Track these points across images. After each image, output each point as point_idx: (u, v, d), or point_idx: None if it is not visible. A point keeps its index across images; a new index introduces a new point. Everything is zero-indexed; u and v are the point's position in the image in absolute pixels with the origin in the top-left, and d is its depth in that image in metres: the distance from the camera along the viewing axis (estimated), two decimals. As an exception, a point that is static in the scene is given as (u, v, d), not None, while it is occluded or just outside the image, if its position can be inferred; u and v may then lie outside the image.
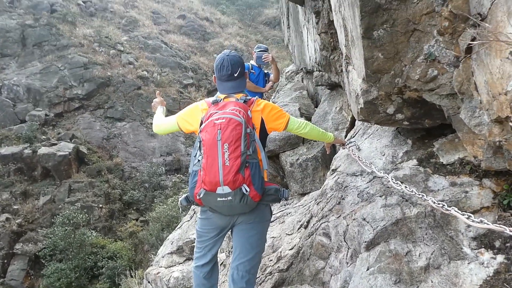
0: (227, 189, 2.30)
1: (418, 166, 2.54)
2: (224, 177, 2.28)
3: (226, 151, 2.30)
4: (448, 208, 2.01)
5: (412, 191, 2.11)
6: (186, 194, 2.63)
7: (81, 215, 17.88)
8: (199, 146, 2.44)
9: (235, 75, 2.64)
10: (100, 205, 20.93)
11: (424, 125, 2.60)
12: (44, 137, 23.02)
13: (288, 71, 7.42)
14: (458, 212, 1.91)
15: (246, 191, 2.32)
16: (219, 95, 2.68)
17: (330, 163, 3.92)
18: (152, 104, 3.23)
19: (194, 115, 2.68)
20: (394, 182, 2.30)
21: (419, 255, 2.19)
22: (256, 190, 2.36)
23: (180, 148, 25.18)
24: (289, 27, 7.01)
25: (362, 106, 2.62)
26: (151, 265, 5.53)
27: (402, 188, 2.21)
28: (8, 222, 18.65)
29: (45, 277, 16.09)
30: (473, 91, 1.97)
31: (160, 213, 16.57)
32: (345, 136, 4.02)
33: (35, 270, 17.59)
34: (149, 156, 24.29)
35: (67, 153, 21.80)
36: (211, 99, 2.67)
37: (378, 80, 2.36)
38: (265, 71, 5.71)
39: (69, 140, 23.39)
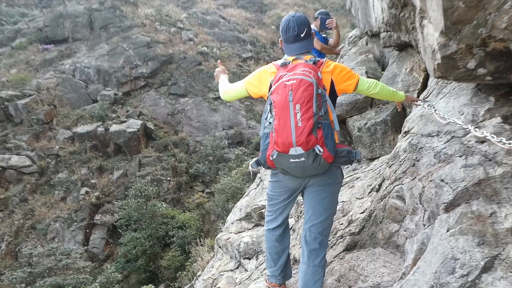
0: (300, 150, 2.30)
1: (503, 124, 2.36)
2: (297, 138, 2.28)
3: (298, 112, 2.29)
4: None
5: (499, 139, 1.95)
6: (256, 158, 2.66)
7: (151, 188, 18.87)
8: (270, 109, 2.44)
9: (302, 35, 2.60)
10: (168, 178, 21.95)
11: (510, 79, 2.40)
12: (114, 115, 24.35)
13: (351, 36, 7.16)
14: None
15: (320, 151, 2.31)
16: (287, 58, 2.65)
17: (400, 127, 3.77)
18: (215, 73, 3.25)
19: (262, 79, 2.67)
20: (477, 131, 2.16)
21: (505, 217, 2.06)
22: (329, 151, 2.35)
23: (242, 122, 25.51)
24: (351, -10, 6.71)
25: (440, 61, 2.46)
26: (221, 231, 5.74)
27: (487, 136, 2.06)
28: (88, 195, 20.19)
29: (123, 245, 17.33)
30: None
31: (225, 185, 17.02)
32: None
33: (113, 238, 18.99)
34: (212, 130, 24.90)
35: (136, 129, 22.94)
36: (279, 61, 2.64)
37: (459, 31, 2.20)
38: (323, 35, 5.54)
39: (137, 117, 24.57)
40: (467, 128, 2.30)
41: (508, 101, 2.51)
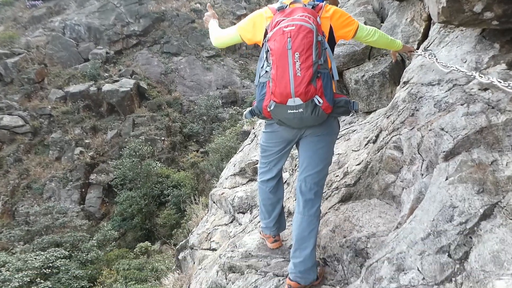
0: (298, 101, 2.21)
1: (508, 70, 2.27)
2: (296, 88, 2.19)
3: (297, 61, 2.18)
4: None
5: (506, 83, 1.87)
6: (250, 108, 2.57)
7: (146, 147, 18.89)
8: (266, 57, 2.32)
9: None
10: (162, 138, 21.92)
11: (518, 23, 2.28)
12: (106, 74, 23.96)
13: (350, -11, 6.88)
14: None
15: (319, 102, 2.23)
16: (283, 1, 2.49)
17: (399, 79, 3.66)
18: (204, 18, 3.05)
19: (257, 24, 2.53)
20: (482, 77, 2.06)
21: (506, 164, 2.01)
22: (328, 101, 2.27)
23: (236, 81, 25.22)
24: None
25: (445, 4, 2.32)
26: (215, 187, 5.74)
27: (493, 81, 1.97)
28: (82, 155, 20.17)
29: (118, 204, 17.57)
30: None
31: (219, 144, 17.06)
32: (417, 49, 3.69)
33: (109, 197, 19.21)
34: (206, 90, 24.64)
35: (129, 88, 22.65)
36: (275, 5, 2.48)
37: (467, -31, 2.06)
38: None
39: (129, 77, 24.20)
40: (471, 75, 2.20)
41: (514, 47, 2.40)
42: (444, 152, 2.23)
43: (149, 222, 17.43)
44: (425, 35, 3.70)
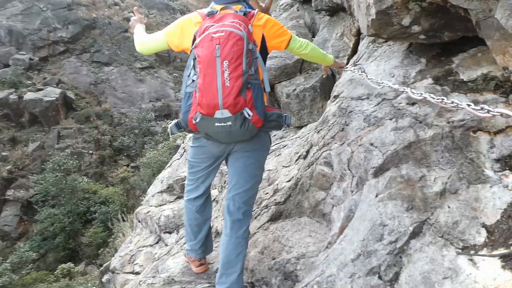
0: (226, 113, 2.03)
1: (435, 85, 2.26)
2: (224, 99, 2.01)
3: (226, 70, 2.01)
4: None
5: (439, 99, 1.82)
6: (176, 120, 2.34)
7: (72, 161, 17.78)
8: (194, 64, 2.13)
9: None
10: (90, 151, 20.77)
11: (443, 38, 2.29)
12: (29, 82, 22.35)
13: (282, 4, 6.93)
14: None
15: (249, 115, 2.06)
16: (214, 6, 2.33)
17: (329, 94, 3.64)
18: (130, 23, 2.78)
19: (185, 29, 2.33)
20: (413, 93, 2.02)
21: (434, 180, 1.97)
22: (259, 114, 2.10)
23: (170, 94, 24.64)
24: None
25: (374, 17, 2.29)
26: (141, 205, 5.37)
27: (426, 97, 1.92)
28: (-2, 168, 18.48)
29: (39, 222, 16.22)
30: (513, -15, 1.65)
31: (151, 159, 16.52)
32: (347, 64, 3.70)
33: (28, 215, 17.71)
34: (138, 102, 23.81)
35: (54, 98, 21.30)
36: (205, 10, 2.31)
37: (395, -19, 2.02)
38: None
39: (55, 85, 22.79)
40: (403, 90, 2.15)
41: (440, 62, 2.41)
42: (373, 168, 2.16)
43: (73, 241, 16.28)
44: (355, 50, 3.72)
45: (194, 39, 2.19)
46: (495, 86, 2.10)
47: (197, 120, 2.10)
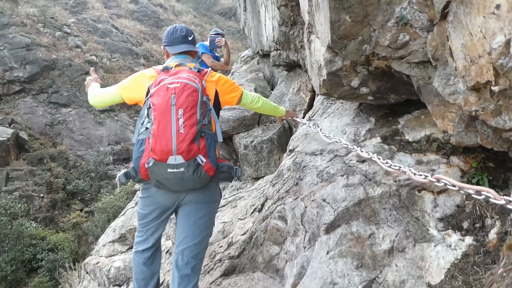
0: (180, 159, 2.06)
1: (383, 144, 2.37)
2: (178, 145, 2.05)
3: (180, 117, 2.07)
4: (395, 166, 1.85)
5: (386, 162, 1.90)
6: (125, 170, 2.33)
7: (20, 205, 16.76)
8: (148, 113, 2.16)
9: (189, 38, 2.50)
10: (41, 195, 19.73)
11: (390, 100, 2.43)
12: (-20, 121, 21.38)
13: (243, 56, 7.17)
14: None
15: (202, 161, 2.10)
16: (169, 63, 2.40)
17: (286, 146, 3.71)
18: (86, 82, 2.82)
19: (140, 83, 2.37)
20: (362, 151, 2.10)
21: (383, 238, 2.02)
22: (211, 162, 2.15)
23: (129, 137, 24.19)
24: (245, 10, 6.75)
25: (325, 78, 2.40)
26: (90, 255, 5.11)
27: (373, 157, 2.00)
28: None
29: (-23, 270, 14.94)
30: (448, 57, 1.79)
31: (107, 204, 15.88)
32: (303, 118, 3.82)
33: (-34, 263, 16.30)
34: (96, 145, 23.19)
35: (5, 138, 20.38)
36: (160, 66, 2.38)
37: (344, 47, 2.15)
38: (217, 55, 5.45)
39: (7, 125, 21.87)
40: (353, 148, 2.23)
41: (387, 122, 2.54)
42: (325, 224, 2.18)
43: (15, 292, 15.06)
44: (310, 105, 3.86)
45: (148, 91, 2.24)
46: (437, 147, 2.22)
47: (150, 165, 2.10)
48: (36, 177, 20.36)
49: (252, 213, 3.10)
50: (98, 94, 2.59)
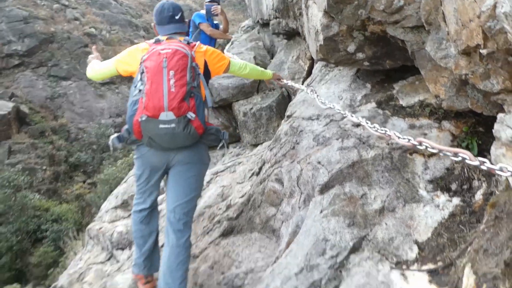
0: (171, 115, 2.21)
1: (377, 109, 2.42)
2: (169, 102, 2.20)
3: (172, 78, 2.23)
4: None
5: (373, 126, 1.96)
6: (118, 134, 2.45)
7: (23, 177, 16.96)
8: (141, 77, 2.31)
9: (176, 17, 2.59)
10: (44, 167, 19.92)
11: (385, 66, 2.47)
12: (-21, 95, 21.35)
13: (244, 26, 7.11)
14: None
15: (192, 117, 2.25)
16: (160, 37, 2.53)
17: (284, 113, 3.77)
18: (87, 60, 2.94)
19: (133, 55, 2.52)
20: (353, 116, 2.16)
21: (374, 198, 2.10)
22: (200, 120, 2.29)
23: (131, 110, 24.20)
24: (246, -21, 6.68)
25: (322, 43, 2.44)
26: (93, 221, 5.24)
27: (362, 122, 2.06)
28: None
29: (-17, 241, 15.25)
30: (441, 22, 1.82)
31: (109, 175, 16.03)
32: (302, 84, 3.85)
33: (-28, 234, 16.62)
34: (97, 117, 23.23)
35: (6, 112, 20.41)
36: (152, 40, 2.52)
37: (340, 11, 2.18)
38: (216, 22, 5.42)
39: (8, 99, 21.84)
40: (344, 114, 2.29)
41: (383, 88, 2.59)
42: (320, 185, 2.26)
43: (21, 261, 15.38)
44: (309, 73, 3.89)
45: (142, 62, 2.38)
46: (430, 112, 2.28)
47: (143, 119, 2.23)
48: (38, 150, 20.50)
49: (250, 177, 3.19)
50: (95, 68, 2.73)
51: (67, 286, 4.14)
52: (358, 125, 2.41)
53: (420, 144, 1.65)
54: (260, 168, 3.00)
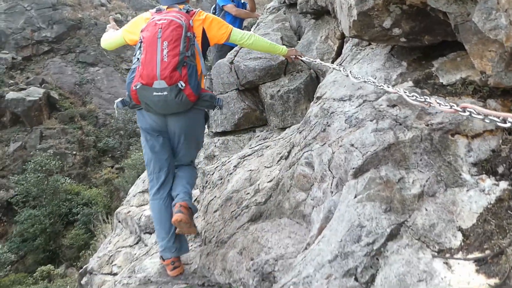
0: (163, 84, 2.39)
1: (415, 87, 2.27)
2: (162, 71, 2.38)
3: (165, 48, 2.40)
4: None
5: (412, 95, 1.82)
6: (121, 98, 2.72)
7: (54, 162, 17.46)
8: (140, 46, 2.52)
9: None
10: (74, 152, 20.43)
11: (423, 42, 2.31)
12: (12, 81, 21.95)
13: (269, 7, 6.94)
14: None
15: (182, 86, 2.41)
16: (161, 7, 2.73)
17: (313, 96, 3.64)
18: (105, 29, 3.12)
19: (137, 25, 2.69)
20: (389, 87, 2.02)
21: (413, 182, 1.97)
22: (192, 89, 2.46)
23: (156, 95, 24.42)
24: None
25: (356, 18, 2.29)
26: (122, 205, 5.29)
27: (399, 91, 1.93)
28: (-24, 168, 18.03)
29: (19, 223, 15.83)
30: (490, -11, 1.66)
31: (136, 160, 16.31)
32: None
33: (8, 216, 17.28)
34: (124, 103, 23.55)
35: (37, 98, 20.93)
36: (154, 9, 2.71)
37: (377, -18, 2.03)
38: (243, 1, 5.31)
39: (39, 85, 22.41)
40: (380, 86, 2.15)
41: (420, 65, 2.43)
42: (353, 169, 2.15)
43: (54, 243, 15.92)
44: (339, 53, 3.73)
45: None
46: (473, 90, 2.12)
47: (137, 87, 2.43)
48: (68, 135, 21.01)
49: (278, 161, 3.10)
50: (107, 38, 2.94)
51: (97, 268, 4.20)
52: (394, 105, 2.28)
53: (464, 110, 1.52)
54: (289, 152, 2.90)
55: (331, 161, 2.37)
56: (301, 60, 3.21)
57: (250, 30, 5.38)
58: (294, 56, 3.19)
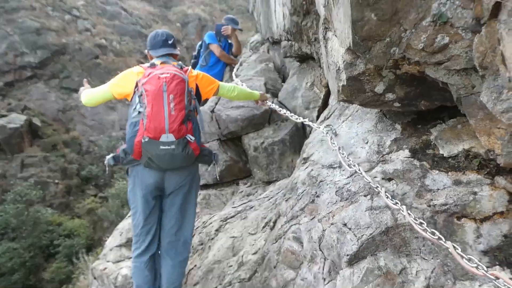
0: (171, 137, 2.35)
1: (412, 159, 2.05)
2: (170, 124, 2.34)
3: (171, 102, 2.36)
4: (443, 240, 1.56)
5: (424, 229, 1.59)
6: (113, 154, 2.60)
7: (35, 192, 16.91)
8: (139, 100, 2.41)
9: (169, 42, 2.74)
10: (56, 181, 19.85)
11: (419, 107, 2.10)
12: (-8, 108, 21.38)
13: (253, 41, 6.77)
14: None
15: (191, 139, 2.40)
16: (154, 62, 2.62)
17: (299, 147, 3.41)
18: (79, 91, 2.99)
19: (128, 79, 2.60)
20: (387, 196, 1.80)
21: (416, 274, 1.73)
22: (197, 143, 2.46)
23: (141, 122, 24.04)
24: (254, -8, 6.34)
25: (345, 83, 2.08)
26: (98, 259, 4.93)
27: (401, 208, 1.70)
28: (-47, 198, 17.32)
29: (-4, 257, 15.14)
30: (500, 65, 1.45)
31: (120, 189, 15.91)
32: (317, 118, 3.47)
33: (-16, 250, 16.53)
34: (108, 130, 23.12)
35: (19, 125, 20.42)
36: (146, 64, 2.63)
37: (368, 50, 1.82)
38: (230, 42, 5.13)
39: (20, 112, 21.89)
40: (376, 187, 1.92)
41: (416, 131, 2.21)
42: (347, 255, 1.90)
43: (34, 277, 15.28)
44: (325, 102, 3.52)
45: (136, 85, 2.49)
46: (478, 164, 1.90)
47: (146, 140, 2.35)
48: (50, 163, 20.45)
49: (263, 227, 2.83)
50: (90, 94, 2.78)
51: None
52: (389, 178, 2.05)
53: (497, 278, 1.31)
54: (275, 221, 2.64)
55: (321, 240, 2.12)
56: (266, 105, 3.37)
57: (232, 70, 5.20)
58: (261, 101, 3.32)
